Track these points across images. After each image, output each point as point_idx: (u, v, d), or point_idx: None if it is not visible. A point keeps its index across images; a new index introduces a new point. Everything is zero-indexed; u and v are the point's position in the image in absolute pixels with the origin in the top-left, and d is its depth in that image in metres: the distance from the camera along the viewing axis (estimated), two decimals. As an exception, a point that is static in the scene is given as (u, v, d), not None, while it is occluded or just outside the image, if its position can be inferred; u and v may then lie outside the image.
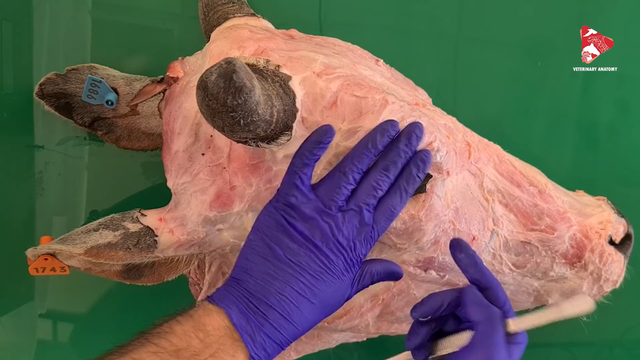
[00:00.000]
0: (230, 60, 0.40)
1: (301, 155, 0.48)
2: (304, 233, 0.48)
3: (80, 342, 0.75)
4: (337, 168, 0.50)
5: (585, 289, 0.66)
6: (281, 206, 0.49)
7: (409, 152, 0.50)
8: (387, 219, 0.50)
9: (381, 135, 0.49)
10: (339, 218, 0.48)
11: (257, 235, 0.49)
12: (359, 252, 0.50)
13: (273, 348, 0.47)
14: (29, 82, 0.67)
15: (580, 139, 0.80)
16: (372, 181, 0.49)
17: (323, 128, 0.47)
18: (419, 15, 0.75)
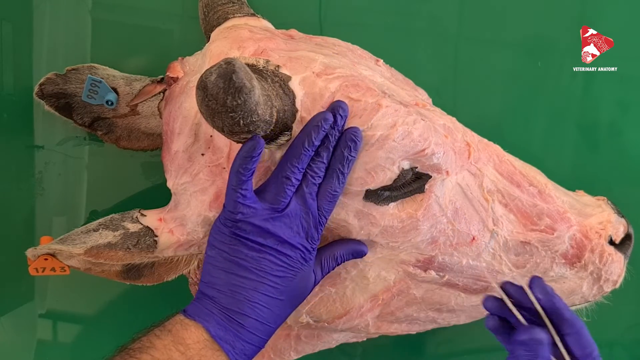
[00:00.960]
0: (230, 61, 0.40)
1: (236, 173, 0.48)
2: (258, 241, 0.49)
3: (80, 342, 0.75)
4: (278, 172, 0.50)
5: (585, 289, 0.66)
6: (230, 223, 0.49)
7: (336, 133, 0.50)
8: (329, 202, 0.51)
9: (316, 132, 0.49)
10: (287, 217, 0.50)
11: (214, 251, 0.51)
12: (311, 241, 0.51)
13: (252, 350, 0.50)
14: (29, 82, 0.67)
15: (580, 139, 0.80)
16: (309, 171, 0.50)
17: (251, 143, 0.46)
18: (419, 15, 0.75)
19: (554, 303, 0.50)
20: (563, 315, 0.50)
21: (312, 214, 0.50)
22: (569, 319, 0.49)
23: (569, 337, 0.49)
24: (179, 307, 0.51)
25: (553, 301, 0.50)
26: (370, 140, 0.51)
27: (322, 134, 0.49)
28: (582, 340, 0.49)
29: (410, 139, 0.52)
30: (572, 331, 0.49)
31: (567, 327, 0.49)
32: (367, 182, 0.52)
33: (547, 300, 0.50)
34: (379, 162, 0.51)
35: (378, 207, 0.54)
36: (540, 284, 0.51)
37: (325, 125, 0.49)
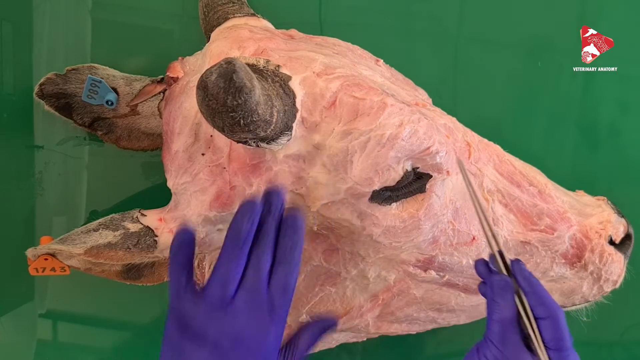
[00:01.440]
0: (230, 61, 0.40)
1: (173, 267, 0.46)
2: (207, 339, 0.44)
3: (80, 342, 0.75)
4: (217, 266, 0.46)
5: (585, 289, 0.66)
6: (176, 322, 0.46)
7: (275, 222, 0.47)
8: (282, 294, 0.46)
9: (246, 221, 0.46)
10: (234, 311, 0.45)
11: (166, 347, 0.46)
12: (269, 335, 0.46)
13: None
14: (29, 82, 0.67)
15: (580, 139, 0.80)
16: (253, 261, 0.46)
17: (178, 236, 0.45)
18: (419, 16, 0.75)
19: (533, 285, 0.49)
20: (541, 299, 0.48)
21: (265, 305, 0.45)
22: (546, 302, 0.48)
23: (544, 321, 0.48)
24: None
25: (531, 282, 0.49)
26: (381, 140, 0.50)
27: (249, 224, 0.46)
28: (556, 327, 0.48)
29: (417, 137, 0.52)
30: (547, 315, 0.48)
31: (543, 310, 0.48)
32: (374, 183, 0.52)
33: (526, 281, 0.49)
34: (388, 163, 0.51)
35: (380, 207, 0.54)
36: (519, 266, 0.50)
37: (254, 212, 0.46)
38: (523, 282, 0.49)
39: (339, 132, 0.50)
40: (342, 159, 0.51)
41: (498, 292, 0.49)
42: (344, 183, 0.52)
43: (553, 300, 0.49)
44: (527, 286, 0.49)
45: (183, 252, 0.46)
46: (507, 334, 0.48)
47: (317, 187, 0.52)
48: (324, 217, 0.54)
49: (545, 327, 0.48)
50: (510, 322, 0.48)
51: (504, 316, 0.48)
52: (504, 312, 0.48)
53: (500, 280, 0.49)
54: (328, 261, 0.58)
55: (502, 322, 0.48)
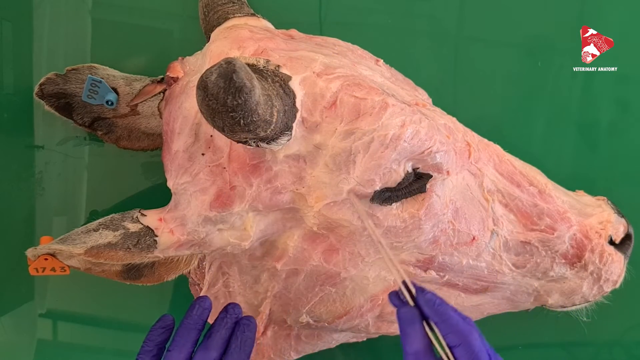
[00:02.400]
0: (230, 60, 0.40)
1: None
2: None
3: (80, 342, 0.75)
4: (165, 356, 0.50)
5: (586, 289, 0.66)
6: None
7: (230, 321, 0.52)
8: None
9: (196, 310, 0.51)
10: None
11: None
12: None
13: None
14: (29, 82, 0.67)
15: (580, 139, 0.80)
16: (200, 354, 0.50)
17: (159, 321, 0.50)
18: (419, 15, 0.75)
19: (439, 313, 0.48)
20: (450, 327, 0.47)
21: None
22: (455, 329, 0.47)
23: (457, 349, 0.46)
24: (178, 307, 0.51)
25: (439, 310, 0.48)
26: (384, 140, 0.50)
27: (199, 311, 0.51)
28: (470, 353, 0.46)
29: (418, 138, 0.52)
30: (459, 342, 0.46)
31: (455, 338, 0.47)
32: (376, 184, 0.52)
33: (432, 310, 0.48)
34: (390, 164, 0.51)
35: (381, 207, 0.54)
36: (424, 296, 0.49)
37: (203, 302, 0.51)
38: (429, 311, 0.48)
39: (342, 132, 0.50)
40: (345, 159, 0.51)
41: (405, 324, 0.48)
42: (346, 183, 0.52)
43: (464, 326, 0.47)
44: (433, 315, 0.47)
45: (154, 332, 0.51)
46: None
47: (320, 187, 0.52)
48: (325, 217, 0.54)
49: (460, 354, 0.46)
50: (425, 354, 0.47)
51: (416, 348, 0.47)
52: (415, 344, 0.47)
53: (406, 312, 0.48)
54: (328, 261, 0.58)
55: (416, 354, 0.47)
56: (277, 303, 0.62)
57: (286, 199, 0.53)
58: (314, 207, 0.53)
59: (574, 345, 0.83)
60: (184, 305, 0.55)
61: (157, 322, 0.51)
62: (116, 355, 0.75)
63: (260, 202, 0.53)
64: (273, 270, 0.59)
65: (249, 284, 0.62)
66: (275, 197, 0.53)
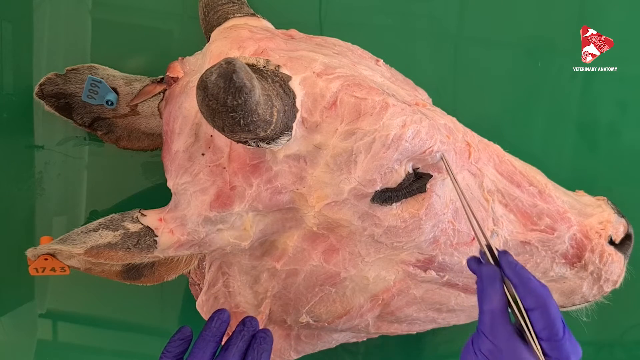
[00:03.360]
0: (230, 61, 0.40)
1: None
2: None
3: (80, 342, 0.75)
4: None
5: (586, 289, 0.66)
6: None
7: (248, 334, 0.52)
8: None
9: (215, 322, 0.52)
10: None
11: None
12: None
13: None
14: (29, 82, 0.67)
15: (580, 139, 0.80)
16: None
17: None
18: (419, 15, 0.75)
19: (520, 275, 0.48)
20: (529, 289, 0.47)
21: None
22: (534, 293, 0.47)
23: (533, 312, 0.47)
24: (178, 307, 0.51)
25: (520, 273, 0.48)
26: (386, 141, 0.50)
27: (218, 323, 0.52)
28: (547, 318, 0.46)
29: (419, 138, 0.52)
30: (537, 306, 0.47)
31: (533, 301, 0.47)
32: (377, 184, 0.52)
33: (514, 272, 0.48)
34: (391, 165, 0.51)
35: (382, 207, 0.54)
36: (507, 258, 0.49)
37: (221, 314, 0.52)
38: (510, 273, 0.48)
39: (343, 132, 0.50)
40: (346, 159, 0.51)
41: (487, 282, 0.48)
42: (347, 183, 0.52)
43: (543, 290, 0.47)
44: (514, 277, 0.48)
45: (173, 343, 0.51)
46: (497, 324, 0.47)
47: (320, 187, 0.52)
48: (325, 217, 0.54)
49: (536, 318, 0.47)
50: (500, 312, 0.47)
51: (493, 306, 0.47)
52: (493, 302, 0.47)
53: (488, 270, 0.49)
54: (328, 261, 0.58)
55: (492, 312, 0.47)
56: (277, 303, 0.62)
57: (286, 199, 0.53)
58: (315, 207, 0.53)
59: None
60: (184, 305, 0.55)
61: (175, 334, 0.52)
62: (116, 356, 0.75)
63: (260, 202, 0.53)
64: (273, 270, 0.59)
65: (249, 284, 0.62)
66: (275, 197, 0.53)
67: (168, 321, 0.75)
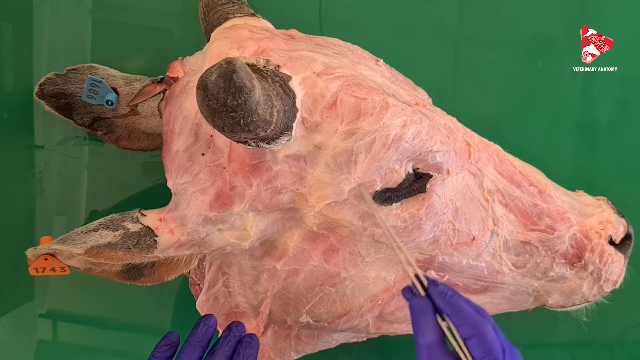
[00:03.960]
0: (230, 60, 0.40)
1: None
2: None
3: (80, 342, 0.75)
4: None
5: (586, 289, 0.66)
6: None
7: (233, 339, 0.53)
8: None
9: (201, 327, 0.52)
10: None
11: None
12: None
13: None
14: (29, 82, 0.67)
15: (580, 139, 0.80)
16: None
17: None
18: (419, 16, 0.75)
19: (452, 304, 0.47)
20: (463, 318, 0.46)
21: None
22: (468, 321, 0.46)
23: (470, 340, 0.46)
24: (178, 307, 0.51)
25: (451, 302, 0.47)
26: (386, 141, 0.50)
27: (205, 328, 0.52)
28: (484, 345, 0.45)
29: (420, 138, 0.52)
30: (473, 334, 0.46)
31: (468, 329, 0.46)
32: (377, 184, 0.52)
33: (445, 302, 0.47)
34: (391, 165, 0.51)
35: (382, 207, 0.54)
36: (436, 288, 0.48)
37: (207, 320, 0.52)
38: (441, 303, 0.47)
39: (343, 132, 0.50)
40: (346, 159, 0.51)
41: (418, 315, 0.48)
42: (347, 184, 0.52)
43: (477, 317, 0.47)
44: (446, 307, 0.47)
45: (159, 348, 0.52)
46: (435, 358, 0.46)
47: (321, 187, 0.52)
48: (325, 217, 0.54)
49: (473, 346, 0.46)
50: (437, 345, 0.46)
51: (428, 340, 0.47)
52: (427, 336, 0.47)
53: (418, 303, 0.48)
54: (328, 261, 0.58)
55: (428, 347, 0.46)
56: (277, 303, 0.62)
57: (286, 199, 0.53)
58: (315, 207, 0.53)
59: (575, 345, 0.83)
60: (184, 305, 0.55)
61: (162, 339, 0.52)
62: (116, 356, 0.75)
63: (260, 202, 0.53)
64: (273, 270, 0.59)
65: (249, 284, 0.62)
66: (275, 197, 0.53)
67: (168, 321, 0.75)
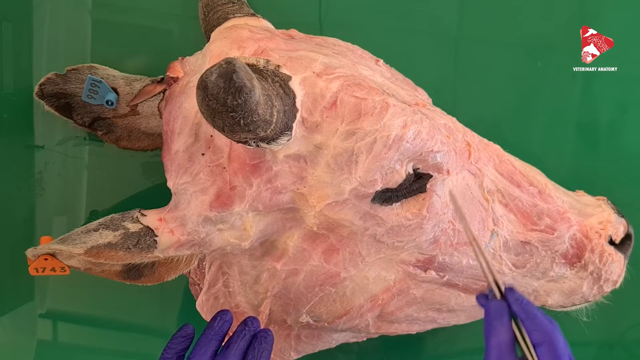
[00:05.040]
0: (230, 61, 0.40)
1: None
2: None
3: (80, 342, 0.75)
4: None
5: (586, 289, 0.66)
6: None
7: (248, 334, 0.53)
8: None
9: (218, 320, 0.53)
10: None
11: None
12: None
13: None
14: (29, 82, 0.67)
15: (580, 139, 0.80)
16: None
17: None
18: (419, 15, 0.75)
19: (526, 310, 0.49)
20: (536, 325, 0.48)
21: None
22: (541, 328, 0.48)
23: (540, 347, 0.48)
24: (178, 307, 0.51)
25: (526, 308, 0.49)
26: (387, 141, 0.50)
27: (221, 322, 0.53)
28: (553, 353, 0.47)
29: (420, 138, 0.52)
30: (543, 340, 0.48)
31: (540, 336, 0.48)
32: (378, 184, 0.52)
33: (520, 308, 0.49)
34: (392, 165, 0.51)
35: (382, 207, 0.54)
36: (513, 294, 0.51)
37: (222, 324, 0.53)
38: (517, 308, 0.49)
39: (343, 132, 0.50)
40: (346, 159, 0.51)
41: (494, 316, 0.49)
42: (348, 184, 0.52)
43: (550, 326, 0.48)
44: (521, 312, 0.49)
45: (175, 339, 0.52)
46: (504, 359, 0.48)
47: (322, 187, 0.52)
48: (326, 217, 0.54)
49: (543, 353, 0.47)
50: (507, 347, 0.48)
51: (500, 340, 0.48)
52: (500, 336, 0.48)
53: (495, 305, 0.50)
54: (328, 261, 0.58)
55: (499, 346, 0.48)
56: (277, 303, 0.62)
57: (286, 199, 0.53)
58: (316, 207, 0.53)
59: (574, 345, 0.83)
60: (184, 305, 0.55)
61: (177, 331, 0.52)
62: (116, 356, 0.75)
63: (260, 202, 0.53)
64: (273, 270, 0.59)
65: (249, 284, 0.62)
66: (275, 197, 0.53)
67: (168, 321, 0.75)
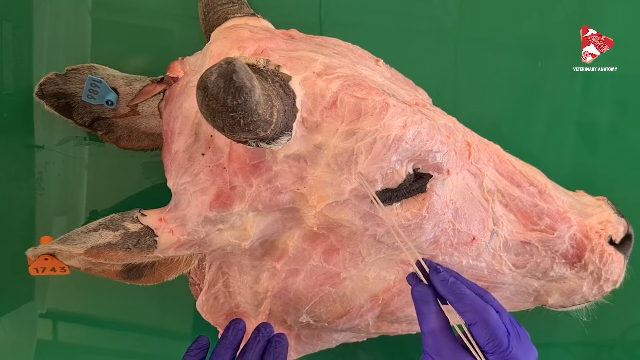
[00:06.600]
0: (230, 60, 0.40)
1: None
2: None
3: (80, 342, 0.75)
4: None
5: (586, 289, 0.66)
6: None
7: (262, 340, 0.55)
8: None
9: (231, 331, 0.56)
10: None
11: None
12: None
13: None
14: (29, 82, 0.67)
15: (580, 139, 0.80)
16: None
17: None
18: (419, 15, 0.75)
19: (453, 291, 0.47)
20: (466, 305, 0.46)
21: None
22: (471, 307, 0.46)
23: (474, 327, 0.46)
24: (178, 307, 0.51)
25: (453, 289, 0.47)
26: (387, 142, 0.50)
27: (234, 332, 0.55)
28: (488, 331, 0.45)
29: (420, 138, 0.52)
30: (476, 320, 0.45)
31: (472, 316, 0.46)
32: (378, 185, 0.52)
33: (446, 289, 0.47)
34: (392, 165, 0.51)
35: (384, 207, 0.54)
36: (437, 276, 0.48)
37: (236, 332, 0.55)
38: (443, 290, 0.47)
39: (343, 132, 0.50)
40: (347, 159, 0.51)
41: (421, 303, 0.48)
42: (348, 184, 0.52)
43: (480, 303, 0.46)
44: (448, 294, 0.47)
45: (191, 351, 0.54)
46: (440, 344, 0.46)
47: (322, 187, 0.52)
48: (326, 217, 0.54)
49: (477, 332, 0.46)
50: (441, 332, 0.46)
51: (432, 327, 0.47)
52: (431, 324, 0.47)
53: (419, 291, 0.48)
54: (328, 261, 0.58)
55: (433, 333, 0.47)
56: (277, 303, 0.62)
57: (286, 199, 0.53)
58: (316, 207, 0.53)
59: (575, 345, 0.83)
60: (184, 305, 0.55)
61: (193, 343, 0.53)
62: (116, 356, 0.75)
63: (260, 202, 0.53)
64: (273, 270, 0.59)
65: (249, 284, 0.62)
66: (275, 197, 0.53)
67: (168, 321, 0.75)
